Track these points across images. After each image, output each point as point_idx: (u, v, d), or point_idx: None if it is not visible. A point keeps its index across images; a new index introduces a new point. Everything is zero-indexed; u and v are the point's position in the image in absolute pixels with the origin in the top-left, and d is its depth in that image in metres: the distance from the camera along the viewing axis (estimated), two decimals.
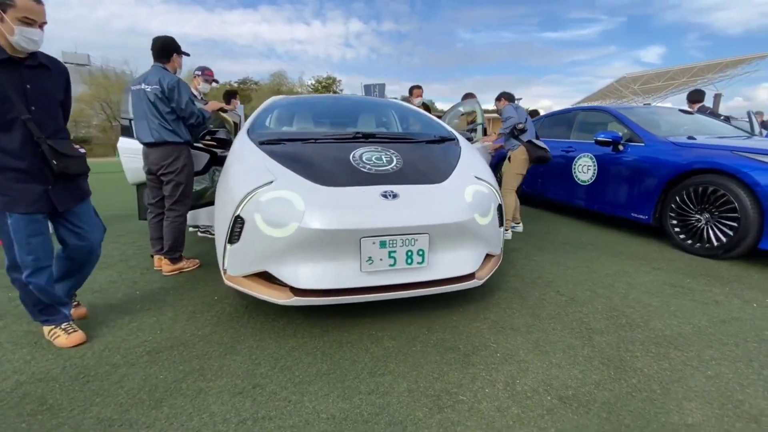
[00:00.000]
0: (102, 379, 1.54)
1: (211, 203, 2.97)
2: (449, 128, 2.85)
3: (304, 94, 41.97)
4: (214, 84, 3.89)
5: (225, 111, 3.02)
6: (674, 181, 3.29)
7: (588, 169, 4.21)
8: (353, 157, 2.05)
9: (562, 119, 4.97)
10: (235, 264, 1.92)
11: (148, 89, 2.50)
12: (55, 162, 1.64)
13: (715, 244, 2.97)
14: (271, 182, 1.83)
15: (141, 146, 2.91)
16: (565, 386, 1.49)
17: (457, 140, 2.60)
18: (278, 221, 1.71)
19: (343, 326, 1.95)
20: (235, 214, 1.82)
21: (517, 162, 3.70)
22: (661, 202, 3.42)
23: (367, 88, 9.24)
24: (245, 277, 1.92)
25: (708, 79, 31.08)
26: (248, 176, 1.93)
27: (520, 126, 3.61)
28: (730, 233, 2.87)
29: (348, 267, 1.74)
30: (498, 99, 4.01)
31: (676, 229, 3.28)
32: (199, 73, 3.70)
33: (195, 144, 2.77)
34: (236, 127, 2.95)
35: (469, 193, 1.96)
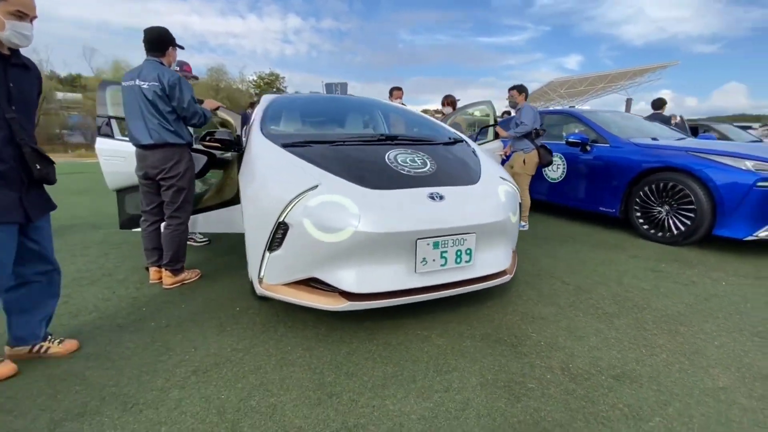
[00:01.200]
0: (155, 406, 1.41)
1: (207, 209, 2.79)
2: (453, 130, 2.96)
3: (249, 90, 39.99)
4: (192, 80, 3.63)
5: (218, 109, 2.82)
6: (637, 178, 3.72)
7: (558, 168, 4.59)
8: (388, 159, 2.05)
9: None
10: (275, 272, 1.84)
11: (144, 86, 2.27)
12: (38, 167, 1.51)
13: (675, 232, 3.42)
14: (316, 186, 1.78)
15: (123, 148, 2.66)
16: (612, 366, 1.65)
17: (467, 142, 2.71)
18: (332, 226, 1.67)
19: (387, 328, 1.96)
20: (279, 220, 1.75)
21: (532, 164, 3.95)
22: (626, 197, 3.84)
23: (329, 87, 9.11)
24: (286, 285, 1.85)
25: (620, 86, 35.13)
26: (287, 180, 1.86)
27: (542, 131, 3.81)
28: (688, 222, 3.33)
29: (402, 269, 1.76)
30: (519, 91, 4.01)
31: (641, 221, 3.71)
32: (178, 69, 3.42)
33: (193, 146, 2.57)
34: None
35: (502, 193, 2.07)
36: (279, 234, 1.78)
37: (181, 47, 2.56)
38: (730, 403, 1.43)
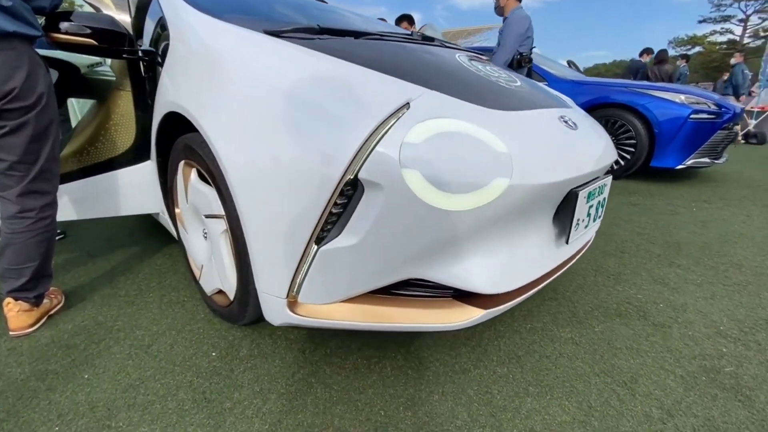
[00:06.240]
0: None
1: (71, 176, 1.51)
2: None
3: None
4: None
5: None
6: None
7: None
8: (466, 64, 1.27)
9: None
10: (331, 281, 0.94)
11: None
12: None
13: (616, 167, 3.61)
14: (408, 104, 0.90)
15: None
16: (750, 318, 1.42)
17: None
18: (465, 179, 0.86)
19: (477, 347, 1.31)
20: (343, 179, 0.84)
21: None
22: None
23: None
24: (346, 301, 0.98)
25: (459, 43, 39.05)
26: (338, 96, 0.91)
27: (528, 58, 3.01)
28: (628, 156, 3.53)
29: (545, 239, 1.11)
30: None
31: None
32: None
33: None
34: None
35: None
36: (338, 206, 0.87)
37: None
38: None
